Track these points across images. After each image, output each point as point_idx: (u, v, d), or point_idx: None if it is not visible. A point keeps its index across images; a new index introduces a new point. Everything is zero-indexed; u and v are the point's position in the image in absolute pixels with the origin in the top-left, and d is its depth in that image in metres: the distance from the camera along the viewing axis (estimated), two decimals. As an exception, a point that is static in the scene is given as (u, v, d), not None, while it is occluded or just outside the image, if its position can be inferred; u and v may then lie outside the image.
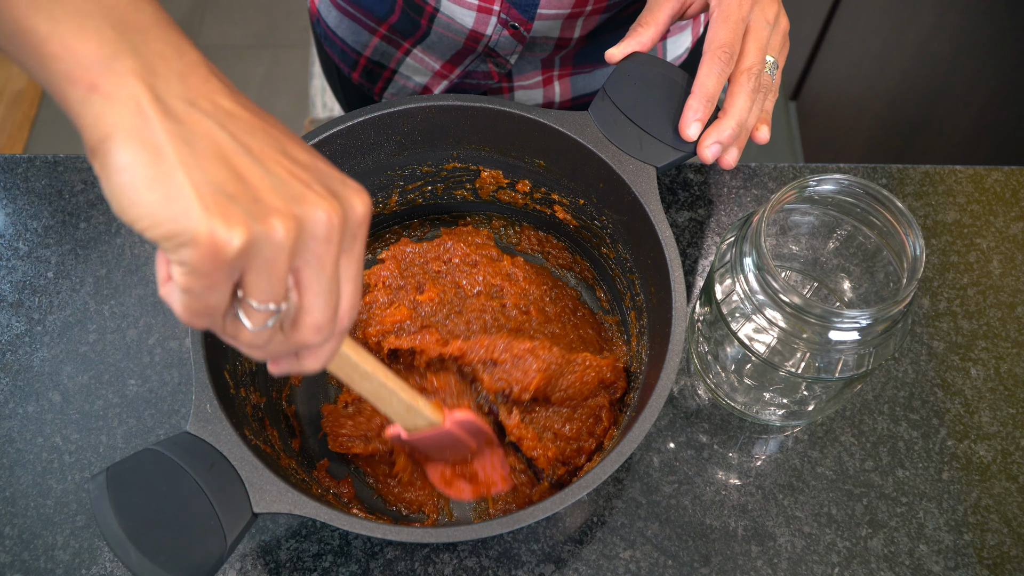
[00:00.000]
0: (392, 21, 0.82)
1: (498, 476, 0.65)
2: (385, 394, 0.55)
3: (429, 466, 0.65)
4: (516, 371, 0.63)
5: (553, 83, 0.87)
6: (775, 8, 0.61)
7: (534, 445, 0.63)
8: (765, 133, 0.62)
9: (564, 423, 0.65)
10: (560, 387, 0.64)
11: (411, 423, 0.58)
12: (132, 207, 0.33)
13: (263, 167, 0.36)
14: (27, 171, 0.80)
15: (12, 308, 0.74)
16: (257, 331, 0.38)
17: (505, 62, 0.81)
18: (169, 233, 0.33)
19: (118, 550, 0.47)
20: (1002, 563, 0.65)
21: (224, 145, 0.35)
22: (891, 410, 0.71)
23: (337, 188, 0.38)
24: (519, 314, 0.68)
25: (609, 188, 0.63)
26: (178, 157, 0.33)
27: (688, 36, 0.90)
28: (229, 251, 0.33)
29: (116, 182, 0.33)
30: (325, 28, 0.91)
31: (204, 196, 0.33)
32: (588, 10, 0.75)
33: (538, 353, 0.62)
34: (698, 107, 0.59)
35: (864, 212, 0.61)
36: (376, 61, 0.88)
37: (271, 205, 0.35)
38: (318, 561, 0.64)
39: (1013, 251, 0.78)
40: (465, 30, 0.77)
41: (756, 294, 0.58)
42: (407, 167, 0.69)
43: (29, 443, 0.68)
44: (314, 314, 0.38)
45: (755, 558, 0.65)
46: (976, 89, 1.28)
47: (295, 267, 0.37)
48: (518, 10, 0.74)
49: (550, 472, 0.64)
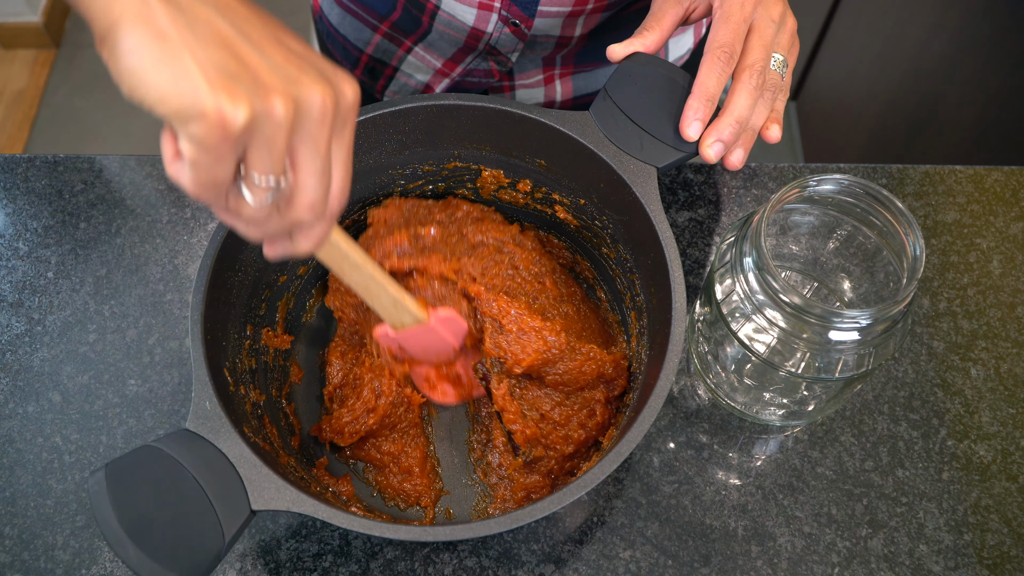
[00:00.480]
0: (394, 18, 0.82)
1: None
2: (373, 287, 0.57)
3: (415, 370, 0.68)
4: (515, 345, 0.64)
5: (555, 82, 0.87)
6: (780, 7, 0.61)
7: (514, 419, 0.64)
8: (776, 132, 0.62)
9: (554, 407, 0.66)
10: (556, 371, 0.64)
11: (397, 319, 0.61)
12: (141, 86, 0.36)
13: (261, 52, 0.38)
14: (27, 171, 0.80)
15: (12, 308, 0.74)
16: (258, 206, 0.41)
17: (506, 60, 0.81)
18: (178, 108, 0.36)
19: (116, 546, 0.47)
20: (1002, 563, 0.65)
21: (224, 31, 0.38)
22: (891, 410, 0.71)
23: (329, 74, 0.41)
24: (534, 281, 0.68)
25: (610, 188, 0.63)
26: (182, 40, 0.36)
27: (690, 37, 0.90)
28: (235, 125, 0.36)
29: (125, 64, 0.36)
30: (327, 25, 0.91)
31: (209, 75, 0.36)
32: (589, 8, 0.75)
33: (544, 335, 0.63)
34: (698, 107, 0.59)
35: (864, 212, 0.61)
36: (378, 59, 0.88)
37: (271, 85, 0.38)
38: (318, 561, 0.64)
39: (1013, 251, 0.78)
40: (466, 28, 0.77)
41: (756, 294, 0.58)
42: (408, 166, 0.69)
43: (29, 443, 0.68)
44: (308, 192, 0.41)
45: (755, 558, 0.65)
46: (976, 89, 1.28)
47: (292, 147, 0.40)
48: (519, 7, 0.74)
49: (526, 450, 0.65)
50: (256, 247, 0.61)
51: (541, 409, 0.66)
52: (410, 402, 0.67)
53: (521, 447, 0.65)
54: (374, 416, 0.65)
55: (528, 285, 0.68)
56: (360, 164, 0.66)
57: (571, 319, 0.68)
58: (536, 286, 0.68)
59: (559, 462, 0.65)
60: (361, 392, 0.66)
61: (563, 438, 0.65)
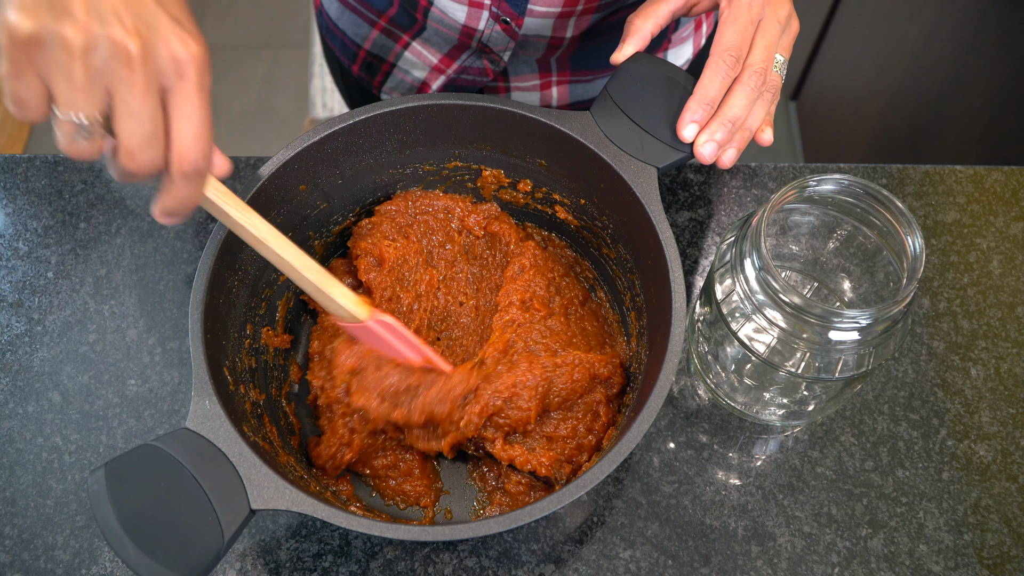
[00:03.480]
0: (391, 14, 0.83)
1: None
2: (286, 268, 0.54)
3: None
4: (512, 410, 0.61)
5: (551, 88, 0.87)
6: (787, 9, 0.60)
7: (527, 460, 0.61)
8: (769, 135, 0.62)
9: (556, 425, 0.64)
10: (555, 393, 0.63)
11: (330, 309, 0.58)
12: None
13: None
14: (27, 171, 0.80)
15: (12, 308, 0.74)
16: (66, 141, 0.42)
17: (499, 59, 0.81)
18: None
19: (116, 545, 0.47)
20: (1002, 563, 0.65)
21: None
22: (891, 410, 0.70)
23: (159, 28, 0.43)
24: (521, 312, 0.67)
25: (610, 188, 0.63)
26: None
27: (689, 47, 0.90)
28: (19, 34, 0.40)
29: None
30: (327, 19, 0.92)
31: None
32: (579, 9, 0.75)
33: (525, 381, 0.61)
34: (696, 109, 0.59)
35: (864, 212, 0.61)
36: (375, 54, 0.89)
37: (72, 14, 0.40)
38: (318, 561, 0.64)
39: (1013, 251, 0.78)
40: (458, 25, 0.78)
41: (756, 294, 0.58)
42: (408, 166, 0.69)
43: (29, 443, 0.68)
44: (124, 138, 0.43)
45: (755, 558, 0.65)
46: (977, 89, 1.28)
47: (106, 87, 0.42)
48: (509, 4, 0.73)
49: (555, 475, 0.63)
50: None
51: (544, 432, 0.64)
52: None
53: (551, 476, 0.62)
54: (351, 451, 0.63)
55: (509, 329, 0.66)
56: (361, 164, 0.66)
57: (556, 333, 0.66)
58: (523, 316, 0.67)
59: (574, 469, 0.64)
60: (335, 428, 0.64)
61: (577, 448, 0.63)
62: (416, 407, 0.60)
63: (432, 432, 0.63)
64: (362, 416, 0.62)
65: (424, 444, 0.63)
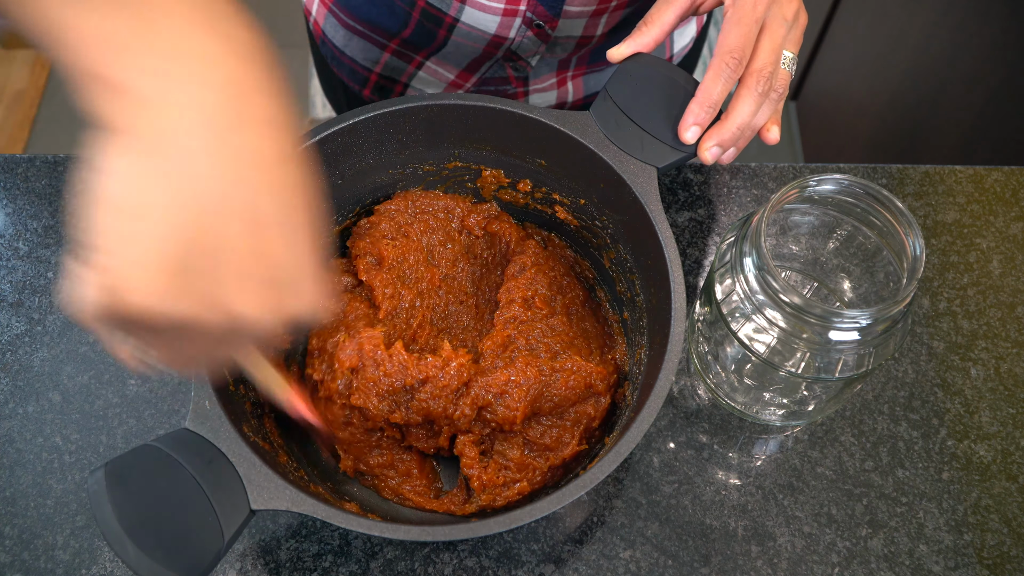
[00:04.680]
0: (405, 35, 0.80)
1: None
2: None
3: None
4: (500, 407, 0.60)
5: (567, 83, 0.86)
6: (795, 5, 0.59)
7: (471, 466, 0.61)
8: (776, 133, 0.61)
9: (542, 432, 0.63)
10: (547, 398, 0.62)
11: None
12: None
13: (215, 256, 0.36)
14: (27, 171, 0.80)
15: (12, 308, 0.74)
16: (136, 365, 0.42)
17: (526, 65, 0.80)
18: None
19: (115, 545, 0.47)
20: (1002, 563, 0.65)
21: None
22: (891, 410, 0.71)
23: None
24: (523, 310, 0.67)
25: (610, 188, 0.63)
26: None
27: (693, 27, 0.89)
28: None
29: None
30: (332, 48, 0.88)
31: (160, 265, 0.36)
32: (613, 5, 0.73)
33: (518, 381, 0.60)
34: (699, 112, 0.59)
35: (864, 212, 0.61)
36: (387, 76, 0.86)
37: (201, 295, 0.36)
38: (318, 561, 0.64)
39: (1013, 251, 0.78)
40: (487, 36, 0.76)
41: (756, 294, 0.58)
42: (408, 166, 0.69)
43: (29, 443, 0.68)
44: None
45: (755, 558, 0.65)
46: (976, 89, 1.28)
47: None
48: (545, 6, 0.72)
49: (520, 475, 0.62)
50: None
51: (528, 436, 0.63)
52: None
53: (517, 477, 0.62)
54: (346, 432, 0.63)
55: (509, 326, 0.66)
56: (360, 164, 0.66)
57: (558, 333, 0.66)
58: (525, 315, 0.66)
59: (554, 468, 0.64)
60: (334, 413, 0.64)
61: (532, 472, 0.62)
62: (413, 406, 0.61)
63: (431, 430, 0.63)
64: (361, 414, 0.62)
65: (425, 444, 0.63)
